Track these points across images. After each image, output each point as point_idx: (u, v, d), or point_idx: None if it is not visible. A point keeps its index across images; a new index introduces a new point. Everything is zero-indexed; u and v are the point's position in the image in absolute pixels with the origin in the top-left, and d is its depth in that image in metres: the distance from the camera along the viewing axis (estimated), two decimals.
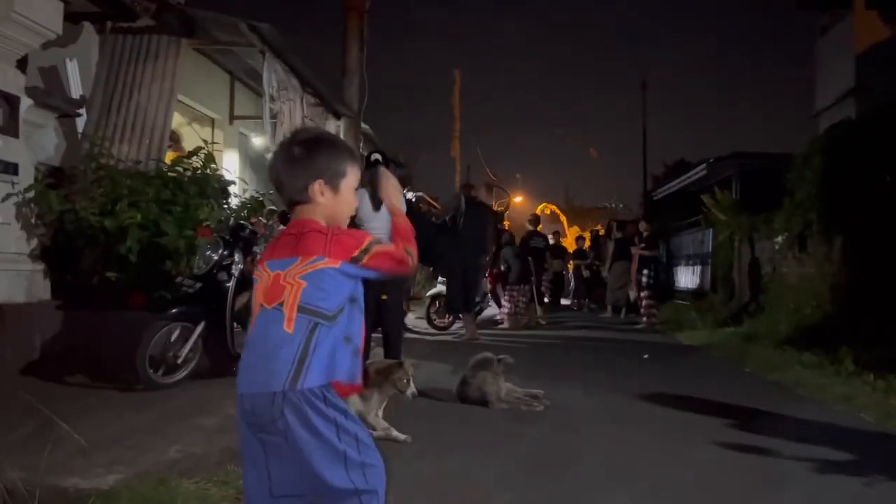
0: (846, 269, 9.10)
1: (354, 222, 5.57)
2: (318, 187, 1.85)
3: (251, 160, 11.67)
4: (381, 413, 3.94)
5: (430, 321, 10.75)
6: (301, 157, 1.84)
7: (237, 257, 5.25)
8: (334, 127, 10.72)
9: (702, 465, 3.61)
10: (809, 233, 10.09)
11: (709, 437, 4.09)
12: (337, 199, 1.89)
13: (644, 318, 12.42)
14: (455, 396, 4.94)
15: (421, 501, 2.92)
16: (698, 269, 15.99)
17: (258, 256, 5.67)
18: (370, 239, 1.84)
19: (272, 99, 7.83)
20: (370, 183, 5.66)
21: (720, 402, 5.21)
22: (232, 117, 11.09)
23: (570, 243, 22.35)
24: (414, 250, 1.96)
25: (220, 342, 5.19)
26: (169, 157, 7.55)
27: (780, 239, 10.94)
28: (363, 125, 11.45)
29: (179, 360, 5.03)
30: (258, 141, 11.57)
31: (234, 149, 11.24)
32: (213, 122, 10.85)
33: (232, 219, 5.90)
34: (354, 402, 3.80)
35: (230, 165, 10.99)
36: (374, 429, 3.85)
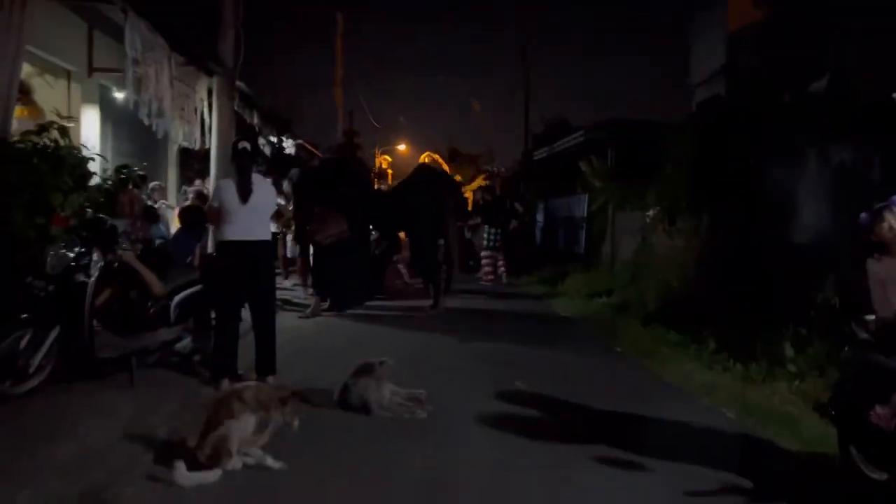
0: (711, 245, 9.59)
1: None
2: None
3: (114, 117, 10.75)
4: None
5: None
6: None
7: (96, 256, 4.80)
8: (206, 85, 10.05)
9: (577, 487, 3.70)
10: (678, 208, 10.54)
11: (585, 453, 4.15)
12: None
13: (482, 278, 14.09)
14: (336, 403, 4.80)
15: None
16: (576, 232, 16.46)
17: (122, 252, 5.26)
18: None
19: (136, 62, 7.17)
20: (237, 171, 5.33)
21: (595, 408, 5.18)
22: (91, 69, 10.11)
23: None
24: None
25: (79, 345, 4.78)
26: (18, 111, 6.79)
27: (651, 212, 11.37)
28: (239, 83, 10.77)
29: (31, 369, 4.60)
30: (122, 95, 10.66)
31: (93, 104, 10.29)
32: (68, 75, 9.86)
33: (90, 210, 5.37)
34: (230, 429, 3.60)
35: (89, 123, 10.11)
36: (247, 456, 3.67)
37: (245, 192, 5.19)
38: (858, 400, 3.67)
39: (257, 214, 5.30)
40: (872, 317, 3.79)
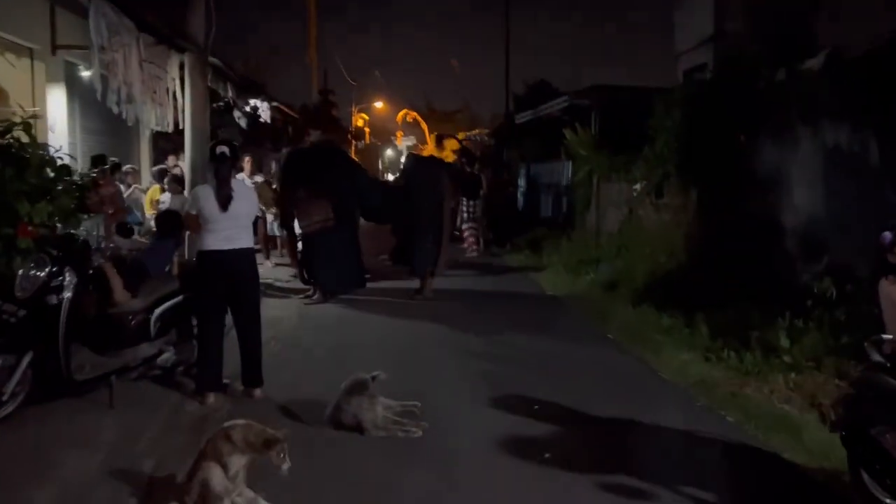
0: (700, 221, 9.46)
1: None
2: None
3: (81, 95, 10.27)
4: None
5: None
6: None
7: (68, 277, 4.51)
8: (178, 62, 9.60)
9: None
10: (667, 183, 10.38)
11: (586, 473, 4.02)
12: None
13: (467, 249, 14.08)
14: (328, 422, 4.62)
15: None
16: (559, 199, 16.27)
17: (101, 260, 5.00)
18: None
19: (102, 49, 6.76)
20: (216, 176, 5.05)
21: (594, 415, 5.03)
22: (54, 46, 9.60)
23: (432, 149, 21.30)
24: None
25: (55, 368, 4.52)
26: None
27: (638, 186, 11.20)
28: (211, 58, 10.32)
29: (5, 397, 4.35)
30: (89, 73, 10.18)
31: (59, 83, 9.81)
32: (31, 53, 9.36)
33: (60, 225, 5.04)
34: (217, 472, 3.41)
35: (56, 103, 9.65)
36: (239, 496, 3.49)
37: (224, 200, 4.91)
38: (871, 424, 3.56)
39: (238, 222, 5.02)
40: (889, 336, 3.66)
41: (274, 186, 11.64)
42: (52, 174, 5.64)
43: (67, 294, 4.48)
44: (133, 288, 5.06)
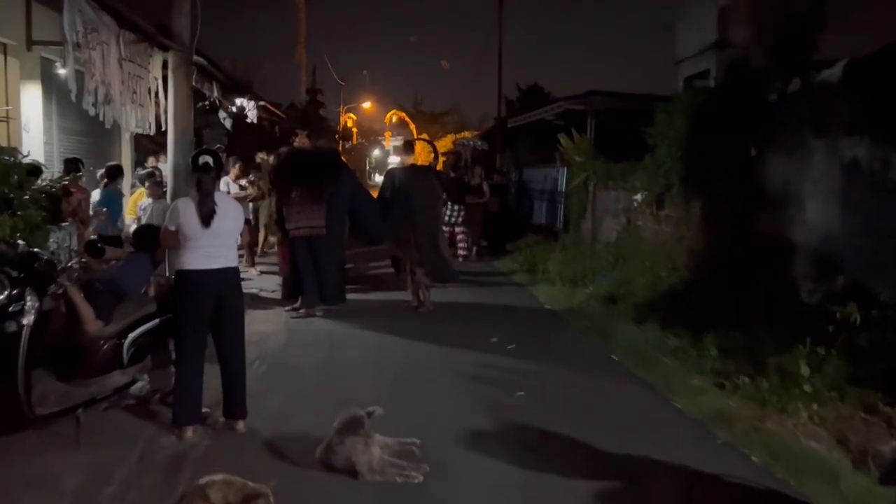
0: (704, 235, 9.12)
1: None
2: None
3: (59, 93, 9.78)
4: None
5: None
6: None
7: (30, 300, 4.05)
8: (161, 60, 9.13)
9: None
10: (668, 194, 10.03)
11: None
12: None
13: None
14: (318, 462, 4.19)
15: None
16: (553, 206, 15.91)
17: (68, 283, 4.56)
18: None
19: (78, 47, 6.28)
20: (198, 189, 4.60)
21: (607, 451, 4.66)
22: (30, 42, 9.12)
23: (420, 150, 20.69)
24: None
25: (13, 401, 4.07)
26: None
27: (639, 197, 10.84)
28: (197, 58, 9.85)
29: None
30: (66, 71, 9.70)
31: (34, 80, 9.35)
32: (4, 49, 8.89)
33: (22, 243, 4.55)
34: None
35: (31, 102, 9.19)
36: None
37: (207, 215, 4.47)
38: None
39: (221, 239, 4.58)
40: None
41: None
42: (18, 182, 5.18)
43: (28, 320, 4.02)
44: (106, 314, 4.60)
